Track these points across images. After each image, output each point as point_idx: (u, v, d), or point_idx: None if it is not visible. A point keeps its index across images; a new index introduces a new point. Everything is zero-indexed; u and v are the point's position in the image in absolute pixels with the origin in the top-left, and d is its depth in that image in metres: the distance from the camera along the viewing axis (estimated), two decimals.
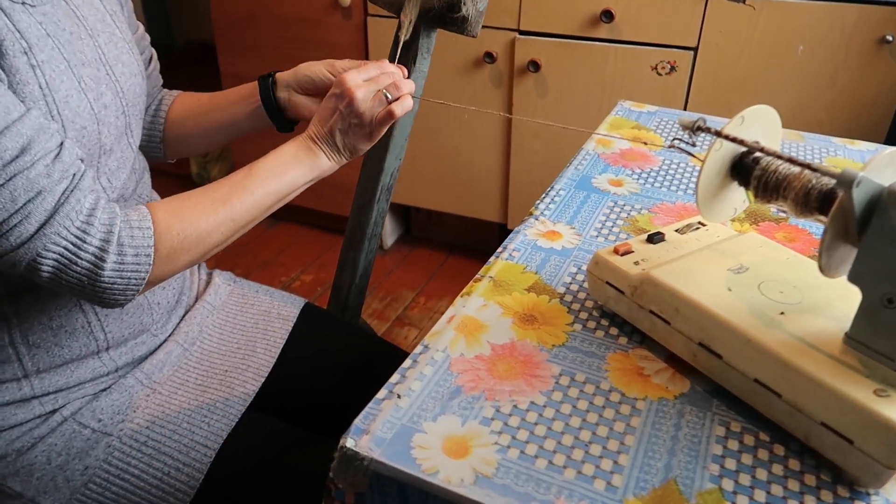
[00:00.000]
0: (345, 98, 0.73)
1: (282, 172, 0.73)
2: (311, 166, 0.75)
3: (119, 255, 0.61)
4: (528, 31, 1.70)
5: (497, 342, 0.61)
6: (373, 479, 0.49)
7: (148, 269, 0.63)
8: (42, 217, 0.58)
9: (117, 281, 0.62)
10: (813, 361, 0.50)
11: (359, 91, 0.73)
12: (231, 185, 0.70)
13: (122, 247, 0.61)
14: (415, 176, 2.01)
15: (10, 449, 0.69)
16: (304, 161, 0.74)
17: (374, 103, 0.74)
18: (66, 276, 0.60)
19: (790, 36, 1.50)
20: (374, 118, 0.75)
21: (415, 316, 1.93)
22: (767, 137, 0.59)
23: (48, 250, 0.58)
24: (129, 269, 0.62)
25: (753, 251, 0.63)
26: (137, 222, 0.63)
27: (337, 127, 0.74)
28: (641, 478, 0.48)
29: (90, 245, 0.60)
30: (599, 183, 0.90)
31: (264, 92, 0.85)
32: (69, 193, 0.59)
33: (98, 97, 0.68)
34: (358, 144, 0.76)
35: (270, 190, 0.72)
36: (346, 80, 0.74)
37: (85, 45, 0.68)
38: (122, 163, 0.74)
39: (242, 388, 0.80)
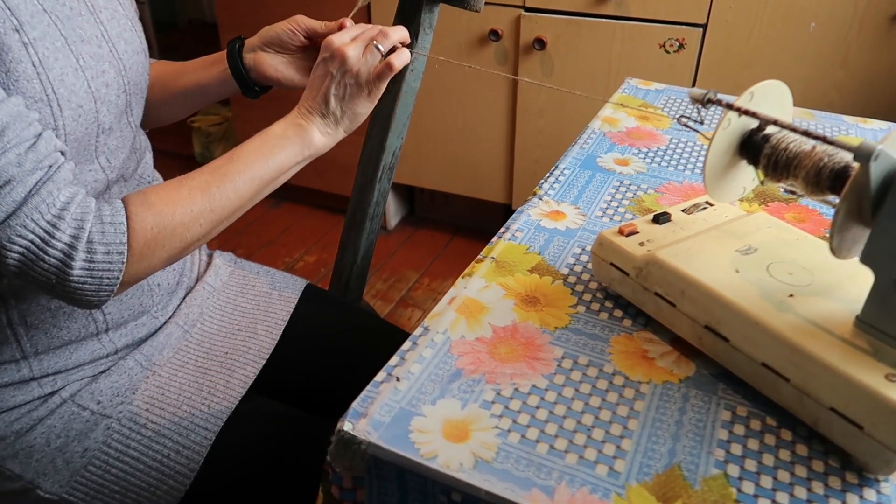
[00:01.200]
0: (335, 59, 0.71)
1: (267, 154, 0.69)
2: (302, 144, 0.71)
3: (88, 253, 0.58)
4: (533, 8, 1.67)
5: (498, 324, 0.60)
6: (370, 463, 0.48)
7: (121, 268, 0.60)
8: (9, 207, 0.55)
9: (88, 280, 0.59)
10: (822, 345, 0.49)
11: (349, 48, 0.71)
12: (210, 172, 0.67)
13: (92, 244, 0.58)
14: (419, 156, 1.99)
15: (9, 431, 0.69)
16: (292, 140, 0.71)
17: (367, 57, 0.72)
18: (34, 271, 0.58)
19: (801, 13, 1.47)
20: (370, 74, 0.72)
21: (419, 297, 1.92)
22: (778, 114, 0.58)
23: (13, 242, 0.56)
24: (100, 268, 0.59)
25: (762, 232, 0.62)
26: (109, 217, 0.60)
27: (332, 92, 0.72)
28: (645, 463, 0.47)
29: (59, 241, 0.57)
30: (605, 162, 0.88)
31: (231, 54, 0.84)
32: (41, 185, 0.57)
33: (98, 75, 0.66)
34: (357, 108, 0.73)
35: (254, 175, 0.68)
36: (332, 41, 0.71)
37: (85, 21, 0.66)
38: (121, 142, 0.73)
39: (243, 370, 0.80)
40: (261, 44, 0.83)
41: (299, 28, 0.82)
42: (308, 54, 0.85)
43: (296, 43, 0.83)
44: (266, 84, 0.86)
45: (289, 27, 0.82)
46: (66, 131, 0.62)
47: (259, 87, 0.86)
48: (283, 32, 0.82)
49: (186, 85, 0.86)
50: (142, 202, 0.62)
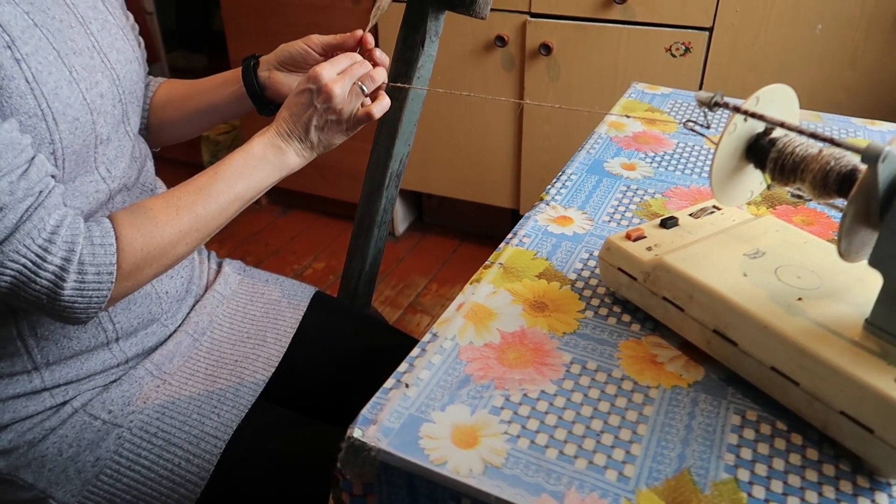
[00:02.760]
0: (321, 94, 0.72)
1: (248, 174, 0.71)
2: (279, 166, 0.73)
3: (80, 275, 0.60)
4: (539, 14, 1.68)
5: (507, 330, 0.60)
6: (380, 469, 0.48)
7: (110, 287, 0.62)
8: (1, 234, 0.57)
9: (78, 300, 0.61)
10: (832, 348, 0.48)
11: (336, 86, 0.72)
12: (197, 191, 0.68)
13: (83, 265, 0.60)
14: (426, 162, 1.99)
15: (22, 441, 0.70)
16: (271, 161, 0.72)
17: (351, 97, 0.73)
18: (25, 293, 0.59)
19: (808, 14, 1.47)
20: (352, 114, 0.74)
21: (427, 303, 1.92)
22: (784, 118, 0.57)
23: (6, 267, 0.58)
24: (90, 288, 0.61)
25: (770, 235, 0.62)
26: (100, 239, 0.62)
27: (312, 124, 0.73)
28: (654, 468, 0.47)
29: (50, 264, 0.59)
30: (612, 167, 0.88)
31: (246, 72, 0.85)
32: (32, 211, 0.58)
33: (92, 86, 0.67)
34: (334, 140, 0.75)
35: (237, 194, 0.70)
36: (320, 75, 0.72)
37: (76, 33, 0.67)
38: (120, 151, 0.73)
39: (252, 377, 0.80)
40: (276, 62, 0.84)
41: (313, 46, 0.82)
42: None
43: (310, 62, 0.83)
44: (280, 102, 0.86)
45: (303, 46, 0.83)
46: (62, 144, 0.63)
47: (274, 106, 0.86)
48: (298, 51, 0.83)
49: (200, 104, 0.87)
50: (131, 223, 0.64)
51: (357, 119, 0.75)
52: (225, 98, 0.86)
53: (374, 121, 0.77)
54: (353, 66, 0.74)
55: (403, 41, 0.93)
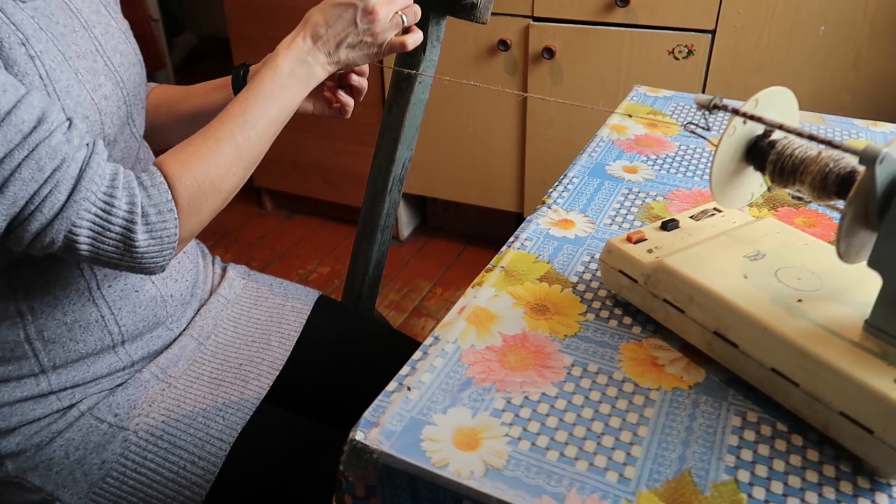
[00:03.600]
0: (367, 14, 0.73)
1: (279, 95, 0.71)
2: (306, 80, 0.74)
3: (144, 217, 0.61)
4: (542, 18, 1.68)
5: (508, 333, 0.60)
6: (383, 471, 0.49)
7: (175, 224, 0.63)
8: (70, 184, 0.57)
9: (151, 243, 0.62)
10: (832, 349, 0.49)
11: (382, 9, 0.73)
12: (231, 120, 0.69)
13: (145, 209, 0.61)
14: (430, 166, 2.00)
15: (30, 444, 0.70)
16: (300, 77, 0.73)
17: (391, 24, 0.75)
18: (104, 245, 0.60)
19: (810, 16, 1.47)
20: (385, 42, 0.75)
21: (432, 307, 1.92)
22: (783, 120, 0.58)
23: (81, 218, 0.58)
24: (158, 229, 0.62)
25: (770, 237, 0.62)
26: (149, 182, 0.63)
27: (347, 40, 0.74)
28: (655, 469, 0.48)
29: (119, 210, 0.60)
30: (613, 170, 0.89)
31: (235, 79, 0.87)
32: (89, 160, 0.59)
33: (97, 88, 0.68)
34: (358, 60, 0.76)
35: (272, 117, 0.71)
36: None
37: (80, 37, 0.68)
38: (126, 153, 0.74)
39: (257, 381, 0.81)
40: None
41: None
42: None
43: None
44: None
45: None
46: None
47: None
48: None
49: (190, 109, 0.89)
50: (175, 161, 0.65)
51: (390, 46, 0.76)
52: (215, 103, 0.88)
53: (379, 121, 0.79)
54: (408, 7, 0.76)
55: None
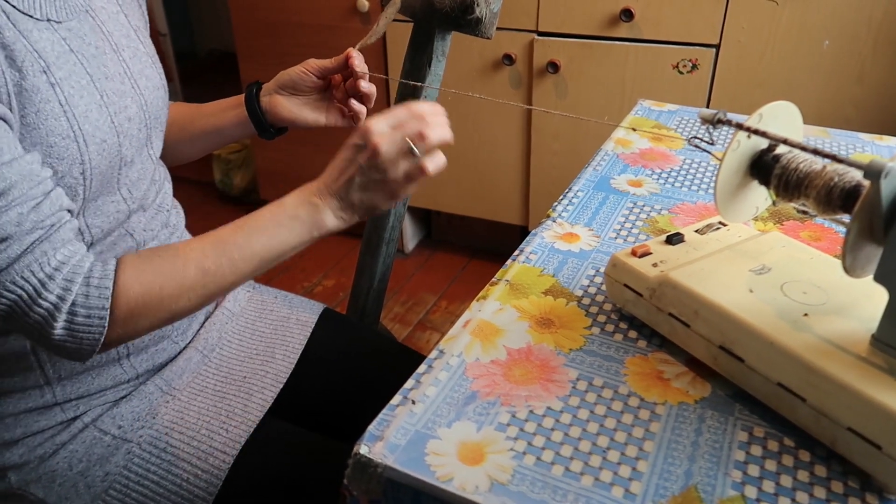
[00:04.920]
0: (367, 150, 0.64)
1: (273, 233, 0.65)
2: (312, 225, 0.67)
3: (70, 315, 0.59)
4: (546, 32, 1.69)
5: (513, 346, 0.60)
6: (387, 486, 0.49)
7: (102, 332, 0.60)
8: (2, 263, 0.56)
9: (68, 340, 0.59)
10: (838, 364, 0.48)
11: (383, 143, 0.64)
12: (212, 243, 0.64)
13: (75, 306, 0.59)
14: (435, 180, 1.99)
15: (33, 455, 0.70)
16: (302, 220, 0.66)
17: (399, 156, 0.65)
18: (20, 323, 0.59)
19: (815, 31, 1.47)
20: (399, 175, 0.65)
21: (437, 320, 1.92)
22: (787, 135, 0.58)
23: (3, 296, 0.57)
24: (80, 331, 0.59)
25: (776, 251, 0.62)
26: (97, 281, 0.60)
27: (355, 181, 0.66)
28: (661, 485, 0.47)
29: (45, 300, 0.58)
30: (618, 184, 0.89)
31: (249, 97, 0.88)
32: (38, 244, 0.58)
33: (121, 110, 0.69)
34: (377, 202, 0.67)
35: (254, 253, 0.65)
36: (369, 129, 0.65)
37: (109, 59, 0.70)
38: (142, 174, 0.75)
39: (261, 394, 0.81)
40: (276, 87, 0.87)
41: (311, 69, 0.86)
42: (321, 95, 0.88)
43: (308, 84, 0.87)
44: (281, 125, 0.90)
45: (301, 70, 0.86)
46: (90, 165, 0.65)
47: (274, 129, 0.90)
48: (296, 75, 0.86)
49: (204, 127, 0.90)
50: (133, 268, 0.62)
51: (407, 177, 0.65)
52: (228, 121, 0.89)
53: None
54: (408, 122, 0.65)
55: (410, 61, 0.94)
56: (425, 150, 0.65)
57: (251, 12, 1.99)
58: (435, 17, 0.87)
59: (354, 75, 0.85)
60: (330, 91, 0.89)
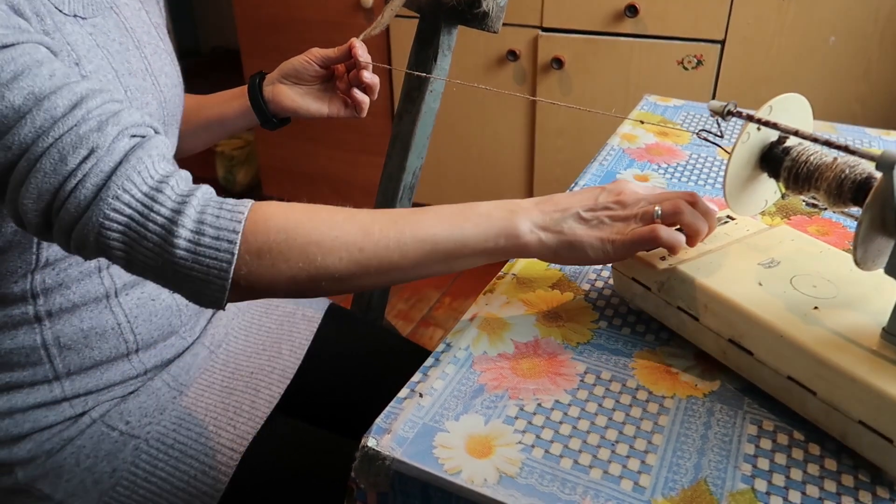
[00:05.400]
0: (613, 195, 0.58)
1: (455, 223, 0.57)
2: (501, 228, 0.57)
3: (196, 233, 0.51)
4: (551, 28, 1.69)
5: (520, 340, 0.60)
6: (395, 478, 0.49)
7: (230, 260, 0.52)
8: (99, 179, 0.51)
9: (194, 266, 0.52)
10: (849, 357, 0.48)
11: (632, 194, 0.58)
12: (383, 213, 0.58)
13: (204, 224, 0.51)
14: (439, 176, 2.00)
15: (41, 451, 0.70)
16: (493, 220, 0.57)
17: (638, 211, 0.57)
18: (140, 252, 0.52)
19: (820, 27, 1.47)
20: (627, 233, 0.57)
21: (440, 316, 1.92)
22: (798, 127, 0.58)
23: (111, 219, 0.51)
24: (206, 254, 0.51)
25: (785, 245, 0.61)
26: (231, 205, 0.53)
27: (580, 210, 0.57)
28: (670, 478, 0.47)
29: (158, 214, 0.51)
30: (624, 178, 0.88)
31: (252, 87, 0.88)
32: (131, 153, 0.52)
33: (142, 106, 0.69)
34: (585, 245, 0.57)
35: (427, 236, 0.56)
36: (625, 181, 0.60)
37: (132, 56, 0.70)
38: None
39: (268, 390, 0.80)
40: (279, 77, 0.88)
41: (314, 59, 0.86)
42: (324, 85, 0.88)
43: (311, 73, 0.87)
44: (283, 115, 0.90)
45: (304, 59, 0.86)
46: None
47: (277, 119, 0.90)
48: (299, 64, 0.86)
49: (208, 117, 0.90)
50: (282, 205, 0.55)
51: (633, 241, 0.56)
52: (232, 112, 0.90)
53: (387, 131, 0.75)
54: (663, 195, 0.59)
55: (416, 56, 0.94)
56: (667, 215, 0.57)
57: (255, 8, 1.99)
58: (441, 12, 0.87)
59: (357, 65, 0.85)
60: (333, 81, 0.89)
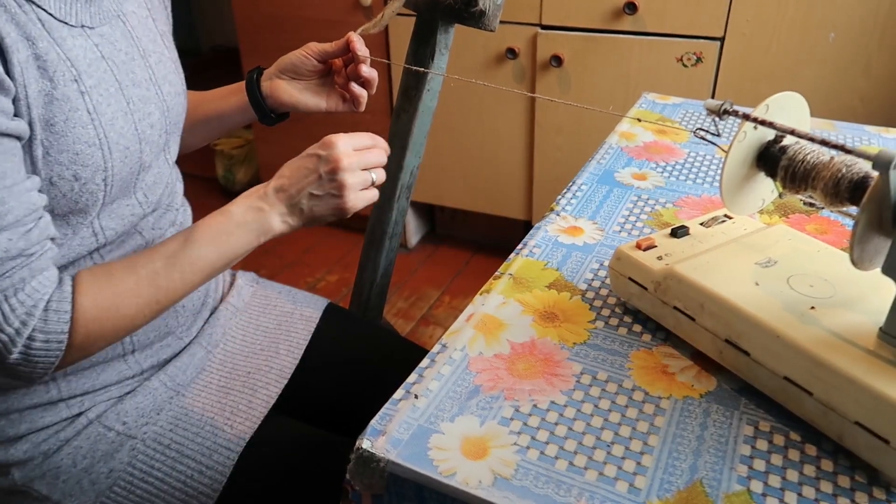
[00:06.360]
0: (329, 163, 0.68)
1: (221, 242, 0.67)
2: (259, 231, 0.68)
3: (28, 340, 0.58)
4: (550, 26, 1.68)
5: (517, 340, 0.60)
6: (390, 480, 0.48)
7: (58, 356, 0.60)
8: None
9: (21, 364, 0.59)
10: (846, 358, 0.48)
11: (346, 159, 0.68)
12: (163, 259, 0.65)
13: (34, 332, 0.58)
14: (438, 174, 2.00)
15: (38, 451, 0.70)
16: (249, 226, 0.67)
17: (358, 178, 0.69)
18: None
19: (821, 23, 1.46)
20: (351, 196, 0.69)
21: (440, 315, 1.92)
22: (794, 126, 0.57)
23: None
24: (36, 356, 0.59)
25: (782, 244, 0.61)
26: (56, 304, 0.59)
27: (309, 189, 0.68)
28: (666, 479, 0.47)
29: (8, 327, 0.57)
30: (622, 177, 0.88)
31: (249, 83, 0.87)
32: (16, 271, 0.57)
33: (145, 116, 0.69)
34: (324, 214, 0.69)
35: (204, 265, 0.66)
36: (335, 143, 0.68)
37: (137, 65, 0.70)
38: (158, 178, 0.75)
39: (265, 390, 0.80)
40: (277, 72, 0.87)
41: (312, 53, 0.85)
42: (322, 80, 0.88)
43: (309, 68, 0.86)
44: (282, 111, 0.89)
45: (302, 53, 0.85)
46: (113, 172, 0.65)
47: (275, 115, 0.90)
48: (297, 58, 0.86)
49: (206, 113, 0.90)
50: (90, 290, 0.61)
51: (357, 198, 0.69)
52: (230, 107, 0.89)
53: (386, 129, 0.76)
54: (371, 150, 0.71)
55: (413, 54, 0.93)
56: (378, 182, 0.70)
57: (254, 7, 1.99)
58: (438, 10, 0.86)
59: (356, 59, 0.84)
60: (331, 76, 0.88)
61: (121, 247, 0.71)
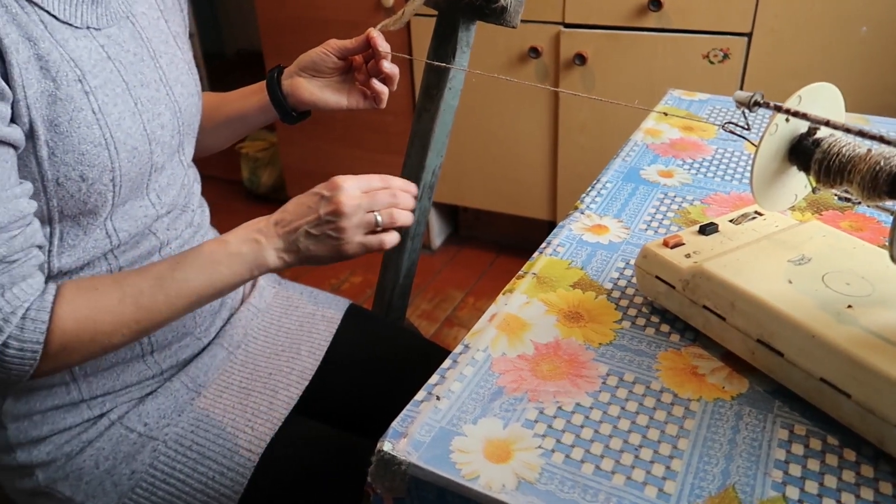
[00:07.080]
0: (330, 204, 0.66)
1: (212, 271, 0.65)
2: (253, 264, 0.66)
3: (3, 346, 0.57)
4: (573, 24, 1.66)
5: (541, 341, 0.58)
6: (411, 483, 0.47)
7: (33, 365, 0.59)
8: None
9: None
10: (885, 358, 0.46)
11: (349, 203, 0.65)
12: (150, 279, 0.64)
13: (9, 339, 0.57)
14: (461, 175, 1.99)
15: (60, 453, 0.70)
16: (244, 258, 0.66)
17: (361, 223, 0.67)
18: None
19: (851, 16, 1.43)
20: (353, 240, 0.67)
21: (464, 316, 1.91)
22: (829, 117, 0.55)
23: None
24: (10, 362, 0.58)
25: (816, 241, 0.59)
26: (34, 313, 0.59)
27: (308, 228, 0.66)
28: (697, 484, 0.45)
29: None
30: (648, 174, 0.86)
31: (270, 82, 0.87)
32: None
33: (154, 117, 0.69)
34: (321, 256, 0.67)
35: (191, 291, 0.64)
36: (339, 185, 0.66)
37: (146, 66, 0.70)
38: (172, 179, 0.75)
39: (286, 391, 0.80)
40: (297, 70, 0.87)
41: (331, 50, 0.85)
42: (343, 77, 0.87)
43: (329, 65, 0.86)
44: (303, 109, 0.88)
45: (322, 50, 0.85)
46: (121, 172, 0.65)
47: (296, 113, 0.89)
48: (317, 56, 0.85)
49: (228, 114, 0.90)
50: (70, 301, 0.61)
51: (359, 245, 0.67)
52: (251, 107, 0.89)
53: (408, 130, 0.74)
54: (379, 193, 0.68)
55: (435, 52, 0.92)
56: (387, 224, 0.68)
57: (277, 10, 2.00)
58: (459, 7, 0.85)
59: (377, 55, 0.84)
60: (351, 73, 0.88)
61: (135, 248, 0.71)
